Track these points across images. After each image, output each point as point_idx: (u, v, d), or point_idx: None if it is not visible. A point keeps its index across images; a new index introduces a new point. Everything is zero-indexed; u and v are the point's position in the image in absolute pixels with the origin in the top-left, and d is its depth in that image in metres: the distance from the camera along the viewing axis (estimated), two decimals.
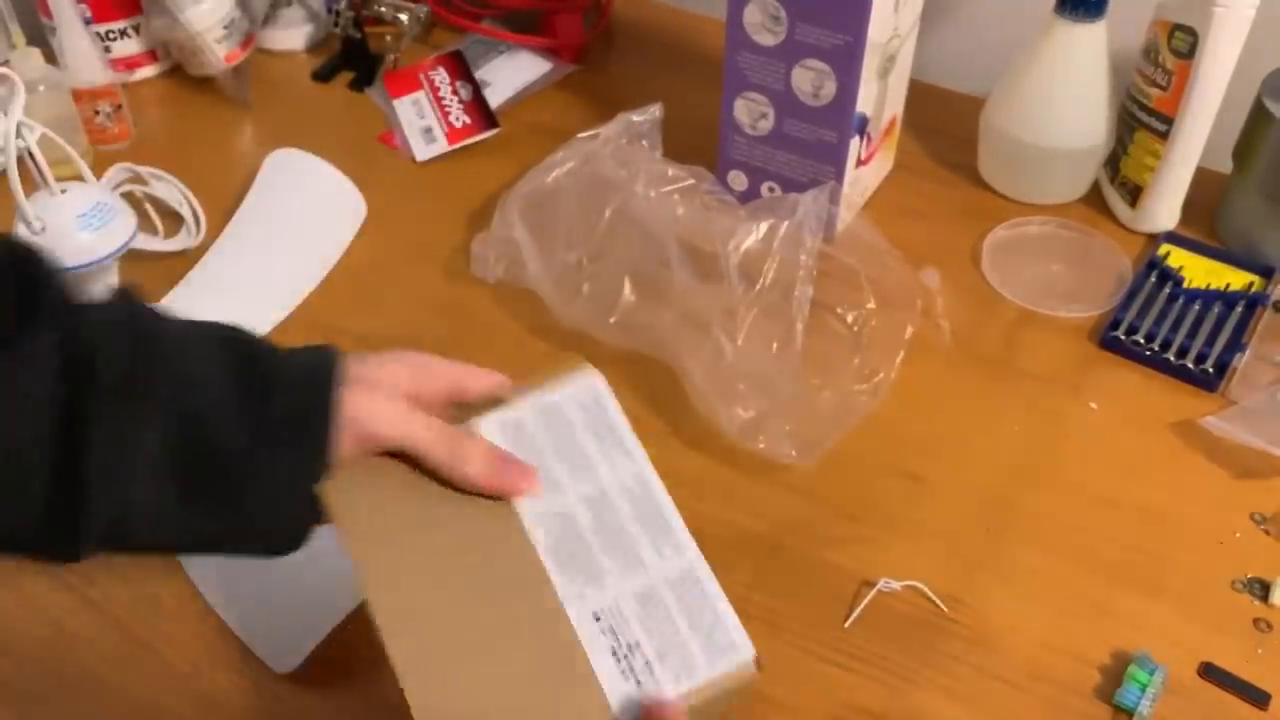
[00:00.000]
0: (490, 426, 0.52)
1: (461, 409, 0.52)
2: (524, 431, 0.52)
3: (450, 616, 0.47)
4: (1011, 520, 0.66)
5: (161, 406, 0.44)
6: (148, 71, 1.02)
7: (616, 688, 0.47)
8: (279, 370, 0.47)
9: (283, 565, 0.60)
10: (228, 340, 0.47)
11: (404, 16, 1.00)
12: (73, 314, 0.44)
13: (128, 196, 0.86)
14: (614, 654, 0.48)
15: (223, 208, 0.86)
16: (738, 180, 0.85)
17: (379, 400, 0.48)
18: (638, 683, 0.47)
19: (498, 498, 0.50)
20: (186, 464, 0.44)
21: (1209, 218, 0.86)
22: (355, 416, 0.47)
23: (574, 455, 0.51)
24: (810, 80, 0.77)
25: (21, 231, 0.67)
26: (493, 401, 0.52)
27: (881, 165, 0.89)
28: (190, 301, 0.77)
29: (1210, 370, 0.74)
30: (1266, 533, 0.66)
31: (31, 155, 0.79)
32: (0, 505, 0.43)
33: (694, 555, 0.50)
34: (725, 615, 0.49)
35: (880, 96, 0.81)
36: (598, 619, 0.48)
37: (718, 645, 0.48)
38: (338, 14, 1.00)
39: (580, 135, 0.80)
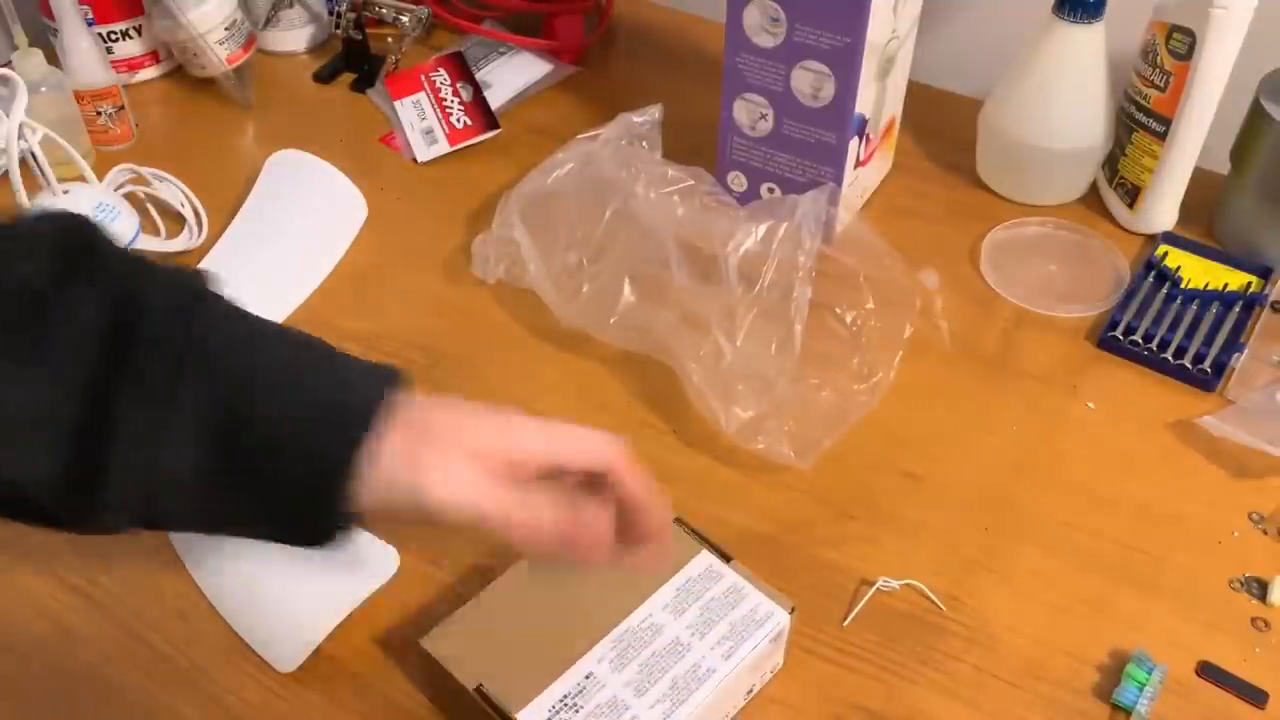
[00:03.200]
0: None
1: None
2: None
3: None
4: (1010, 519, 0.67)
5: (207, 371, 0.42)
6: (149, 72, 1.02)
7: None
8: (334, 366, 0.46)
9: (284, 565, 0.60)
10: (285, 331, 0.47)
11: (405, 18, 1.00)
12: (131, 275, 0.43)
13: (130, 197, 0.86)
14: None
15: (224, 208, 0.87)
16: (737, 181, 0.86)
17: (450, 460, 0.45)
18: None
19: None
20: (222, 435, 0.42)
21: (1207, 218, 0.86)
22: (412, 463, 0.44)
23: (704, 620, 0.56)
24: (809, 82, 0.77)
25: None
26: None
27: (880, 166, 0.89)
28: None
29: (1208, 370, 0.74)
30: (1264, 532, 0.66)
31: (34, 156, 0.79)
32: (21, 463, 0.41)
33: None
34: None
35: (879, 98, 0.81)
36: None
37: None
38: (339, 16, 1.01)
39: (580, 136, 0.80)
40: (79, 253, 0.42)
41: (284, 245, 0.84)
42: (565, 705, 0.52)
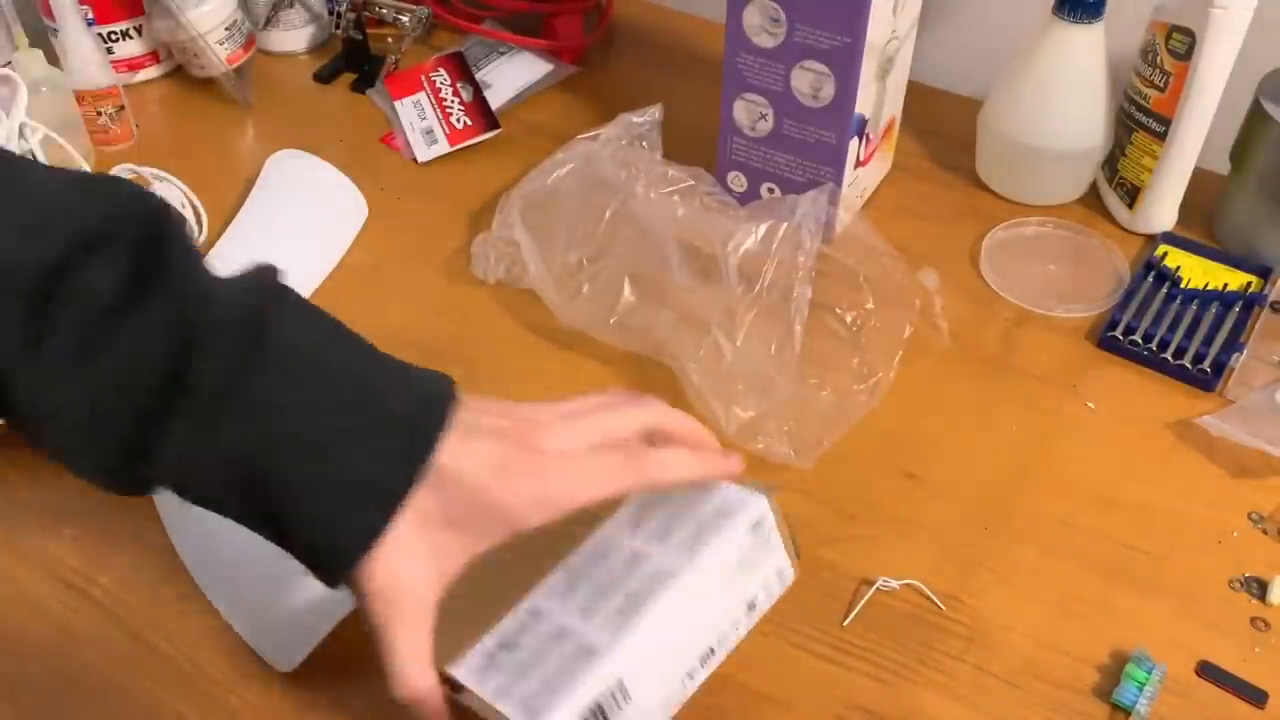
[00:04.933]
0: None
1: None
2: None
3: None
4: (1009, 519, 0.67)
5: (247, 417, 0.45)
6: (150, 73, 1.02)
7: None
8: (376, 431, 0.46)
9: (284, 564, 0.60)
10: (340, 375, 0.48)
11: (405, 18, 1.00)
12: (200, 296, 0.45)
13: None
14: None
15: (224, 208, 0.87)
16: (737, 181, 0.86)
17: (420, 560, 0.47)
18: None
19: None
20: (247, 484, 0.45)
21: (1207, 218, 0.86)
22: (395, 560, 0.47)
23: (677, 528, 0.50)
24: (809, 82, 0.77)
25: None
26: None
27: (880, 166, 0.89)
28: None
29: (1208, 370, 0.74)
30: (1264, 532, 0.66)
31: (34, 156, 0.79)
32: (70, 456, 0.46)
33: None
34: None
35: (879, 98, 0.81)
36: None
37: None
38: (339, 16, 1.01)
39: (580, 136, 0.80)
40: (152, 265, 0.45)
41: (284, 245, 0.84)
42: (503, 647, 0.48)
